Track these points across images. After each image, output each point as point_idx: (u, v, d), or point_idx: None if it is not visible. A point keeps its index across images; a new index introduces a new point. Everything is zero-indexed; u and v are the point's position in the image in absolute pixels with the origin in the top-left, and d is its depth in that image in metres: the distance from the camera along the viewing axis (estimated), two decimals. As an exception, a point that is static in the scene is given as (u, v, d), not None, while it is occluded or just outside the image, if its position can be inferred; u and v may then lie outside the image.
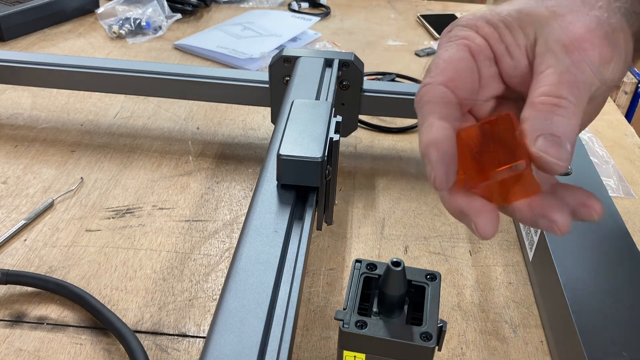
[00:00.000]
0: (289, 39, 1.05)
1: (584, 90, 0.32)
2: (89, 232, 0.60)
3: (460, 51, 0.35)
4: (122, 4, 1.09)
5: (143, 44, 1.03)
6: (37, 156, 0.71)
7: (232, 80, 0.72)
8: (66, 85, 0.75)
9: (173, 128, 0.78)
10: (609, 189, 0.68)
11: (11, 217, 0.61)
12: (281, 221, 0.43)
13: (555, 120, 0.30)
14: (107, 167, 0.70)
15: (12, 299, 0.52)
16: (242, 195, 0.66)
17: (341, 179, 0.69)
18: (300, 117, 0.49)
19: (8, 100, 0.83)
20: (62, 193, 0.65)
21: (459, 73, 0.35)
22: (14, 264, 0.56)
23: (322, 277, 0.55)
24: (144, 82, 0.72)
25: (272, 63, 0.68)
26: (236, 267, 0.39)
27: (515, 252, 0.59)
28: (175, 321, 0.51)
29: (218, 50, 0.98)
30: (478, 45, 0.35)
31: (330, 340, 0.50)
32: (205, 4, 1.17)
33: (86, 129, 0.77)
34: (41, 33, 1.05)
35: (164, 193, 0.66)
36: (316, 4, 1.23)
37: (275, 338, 0.35)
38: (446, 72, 0.35)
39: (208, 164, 0.71)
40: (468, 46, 0.35)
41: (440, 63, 0.35)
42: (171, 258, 0.57)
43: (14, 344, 0.48)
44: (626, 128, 0.82)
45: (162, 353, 0.48)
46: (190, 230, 0.61)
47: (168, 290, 0.54)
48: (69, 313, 0.51)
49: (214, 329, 0.34)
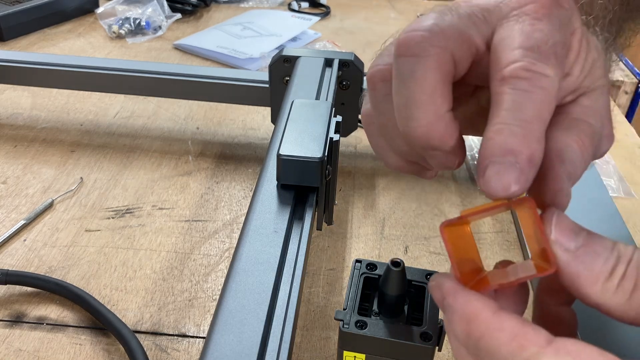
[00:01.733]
0: (288, 38, 1.04)
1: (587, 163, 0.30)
2: (89, 232, 0.60)
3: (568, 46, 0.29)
4: (122, 3, 1.09)
5: (143, 44, 1.03)
6: (37, 156, 0.71)
7: (232, 80, 0.71)
8: (66, 85, 0.75)
9: (173, 128, 0.78)
10: (610, 189, 0.68)
11: (11, 217, 0.61)
12: (281, 221, 0.43)
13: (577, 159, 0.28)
14: (106, 167, 0.69)
15: (12, 299, 0.52)
16: (242, 195, 0.66)
17: (341, 179, 0.69)
18: (300, 117, 0.49)
19: (8, 100, 0.83)
20: (62, 193, 0.65)
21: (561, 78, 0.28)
22: (13, 264, 0.56)
23: (322, 277, 0.55)
24: (144, 82, 0.72)
25: (272, 63, 0.68)
26: (236, 267, 0.39)
27: (516, 252, 0.59)
28: (175, 321, 0.51)
29: (218, 50, 0.98)
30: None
31: (330, 341, 0.49)
32: (205, 4, 1.17)
33: (86, 129, 0.77)
34: (41, 33, 1.05)
35: (164, 193, 0.66)
36: (316, 4, 1.23)
37: (275, 338, 0.35)
38: (559, 70, 0.27)
39: (208, 164, 0.71)
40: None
41: (560, 49, 0.28)
42: (171, 258, 0.57)
43: (14, 344, 0.48)
44: (626, 128, 0.82)
45: (161, 353, 0.48)
46: (190, 230, 0.61)
47: (168, 290, 0.54)
48: (69, 313, 0.51)
49: (213, 329, 0.34)
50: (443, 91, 0.27)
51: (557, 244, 0.25)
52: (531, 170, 0.25)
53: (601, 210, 0.55)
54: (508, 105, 0.26)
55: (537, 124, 0.25)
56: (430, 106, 0.27)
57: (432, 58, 0.27)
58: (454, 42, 0.28)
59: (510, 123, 0.25)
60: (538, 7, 0.28)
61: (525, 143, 0.25)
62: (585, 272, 0.24)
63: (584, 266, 0.24)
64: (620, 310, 0.23)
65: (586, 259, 0.24)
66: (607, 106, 0.31)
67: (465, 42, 0.28)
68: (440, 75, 0.27)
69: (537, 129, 0.25)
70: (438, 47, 0.27)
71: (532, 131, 0.25)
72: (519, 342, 0.22)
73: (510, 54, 0.27)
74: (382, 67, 0.30)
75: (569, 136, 0.28)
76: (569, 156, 0.27)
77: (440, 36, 0.27)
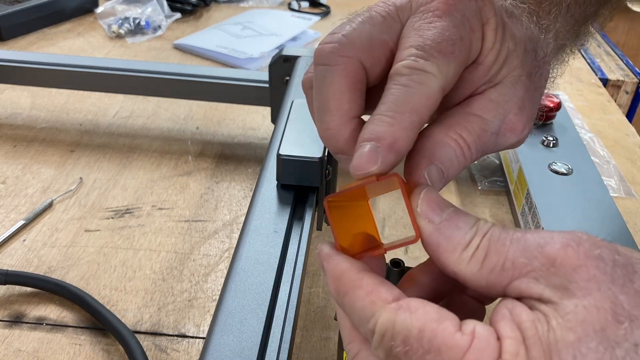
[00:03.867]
0: (288, 38, 1.04)
1: (481, 155, 0.31)
2: (88, 233, 0.60)
3: (467, 45, 0.30)
4: (122, 3, 1.09)
5: (142, 44, 1.03)
6: (36, 156, 0.71)
7: (231, 80, 0.71)
8: (65, 85, 0.75)
9: (172, 128, 0.78)
10: (610, 189, 0.67)
11: (10, 217, 0.61)
12: (281, 221, 0.43)
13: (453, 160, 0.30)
14: (106, 167, 0.69)
15: (11, 300, 0.52)
16: (241, 195, 0.66)
17: (341, 179, 0.69)
18: (300, 117, 0.49)
19: (7, 100, 0.83)
20: (61, 193, 0.64)
21: (456, 76, 0.30)
22: (13, 264, 0.55)
23: (322, 277, 0.55)
24: (144, 81, 0.72)
25: (272, 63, 0.68)
26: (236, 268, 0.39)
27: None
28: (175, 322, 0.50)
29: (218, 49, 0.98)
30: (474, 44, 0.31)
31: (330, 341, 0.49)
32: (204, 3, 1.17)
33: (85, 129, 0.77)
34: (40, 32, 1.05)
35: (164, 193, 0.66)
36: (316, 4, 1.23)
37: (275, 338, 0.34)
38: (450, 69, 0.29)
39: (208, 163, 0.71)
40: (471, 39, 0.30)
41: (447, 46, 0.29)
42: (170, 258, 0.57)
43: (13, 345, 0.48)
44: (627, 128, 0.82)
45: (161, 354, 0.48)
46: (190, 230, 0.60)
47: (167, 290, 0.53)
48: (68, 313, 0.51)
49: (213, 329, 0.34)
50: (351, 97, 0.30)
51: (422, 217, 0.27)
52: (390, 154, 0.27)
53: (602, 210, 0.55)
54: (386, 99, 0.28)
55: (408, 115, 0.27)
56: (337, 111, 0.30)
57: (340, 67, 0.30)
58: (363, 51, 0.30)
59: (382, 114, 0.28)
60: (442, 3, 0.30)
61: (390, 131, 0.27)
62: (444, 243, 0.26)
63: (444, 237, 0.26)
64: (474, 278, 0.25)
65: (447, 231, 0.26)
66: (519, 97, 0.32)
67: (377, 47, 0.30)
68: (348, 81, 0.30)
69: (407, 119, 0.27)
70: (345, 56, 0.30)
71: (401, 121, 0.27)
72: (371, 298, 0.25)
73: (401, 53, 0.29)
74: (310, 74, 0.33)
75: (447, 134, 0.30)
76: (441, 155, 0.29)
77: (348, 47, 0.30)
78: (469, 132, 0.30)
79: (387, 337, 0.23)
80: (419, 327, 0.23)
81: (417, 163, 0.29)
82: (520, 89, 0.32)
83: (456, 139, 0.30)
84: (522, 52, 0.32)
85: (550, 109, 0.66)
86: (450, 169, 0.30)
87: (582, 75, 0.96)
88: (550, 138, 0.63)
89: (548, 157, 0.61)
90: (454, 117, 0.31)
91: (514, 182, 0.63)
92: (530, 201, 0.57)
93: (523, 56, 0.32)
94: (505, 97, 0.31)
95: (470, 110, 0.31)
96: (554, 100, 0.66)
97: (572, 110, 0.84)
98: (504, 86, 0.31)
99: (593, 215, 0.54)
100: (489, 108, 0.31)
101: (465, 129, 0.30)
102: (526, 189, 0.58)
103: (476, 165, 0.71)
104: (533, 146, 0.63)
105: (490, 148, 0.32)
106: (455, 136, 0.30)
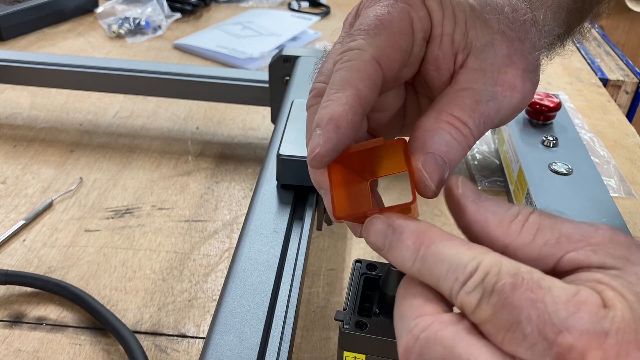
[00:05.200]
0: (288, 38, 1.04)
1: (487, 127, 0.31)
2: (88, 233, 0.60)
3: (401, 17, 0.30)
4: (122, 3, 1.09)
5: (142, 44, 1.03)
6: (36, 156, 0.71)
7: (231, 80, 0.71)
8: (65, 85, 0.75)
9: (172, 128, 0.78)
10: (610, 189, 0.67)
11: (10, 217, 0.61)
12: (281, 221, 0.43)
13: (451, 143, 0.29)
14: (106, 167, 0.69)
15: (11, 300, 0.52)
16: (241, 195, 0.66)
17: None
18: (300, 117, 0.49)
19: (7, 99, 0.83)
20: (61, 193, 0.64)
21: (393, 46, 0.30)
22: (13, 264, 0.55)
23: (322, 278, 0.55)
24: (143, 81, 0.72)
25: (272, 62, 0.68)
26: (236, 268, 0.39)
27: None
28: (175, 322, 0.50)
29: (218, 49, 0.98)
30: (420, 17, 0.31)
31: (330, 341, 0.49)
32: (204, 3, 1.17)
33: (85, 129, 0.77)
34: (40, 32, 1.05)
35: (163, 193, 0.66)
36: (316, 3, 1.23)
37: (275, 338, 0.34)
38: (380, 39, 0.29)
39: (207, 163, 0.71)
40: (409, 13, 0.31)
41: (372, 22, 0.30)
42: (170, 258, 0.57)
43: (13, 345, 0.48)
44: (627, 128, 0.82)
45: (161, 354, 0.48)
46: (190, 230, 0.60)
47: (167, 290, 0.53)
48: (68, 313, 0.51)
49: (213, 329, 0.34)
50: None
51: (465, 197, 0.27)
52: (330, 129, 0.28)
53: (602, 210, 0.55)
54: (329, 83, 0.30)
55: (342, 91, 0.28)
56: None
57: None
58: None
59: (323, 100, 0.29)
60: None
61: (327, 110, 0.28)
62: (492, 217, 0.26)
63: (490, 212, 0.26)
64: (525, 249, 0.25)
65: (492, 207, 0.26)
66: (503, 54, 0.31)
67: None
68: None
69: (343, 95, 0.28)
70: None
71: (337, 99, 0.28)
72: (470, 246, 0.24)
73: None
74: (317, 85, 0.33)
75: (438, 118, 0.30)
76: (434, 142, 0.29)
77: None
78: (461, 108, 0.30)
79: (492, 273, 0.23)
80: (529, 269, 0.23)
81: (412, 156, 0.29)
82: (501, 47, 0.31)
83: (448, 120, 0.29)
84: (487, 11, 0.32)
85: (550, 109, 0.66)
86: (450, 153, 0.29)
87: (582, 75, 0.96)
88: (550, 138, 0.63)
89: (548, 157, 0.61)
90: (443, 100, 0.31)
91: (514, 182, 0.63)
92: (530, 201, 0.57)
93: (489, 15, 0.32)
94: (486, 60, 0.31)
95: (457, 86, 0.31)
96: (554, 100, 0.66)
97: (572, 110, 0.84)
98: (480, 50, 0.31)
99: (593, 215, 0.54)
100: (475, 77, 0.31)
101: (457, 106, 0.30)
102: (526, 189, 0.58)
103: (476, 165, 0.71)
104: (533, 146, 0.63)
105: (493, 117, 0.31)
106: (447, 117, 0.30)
